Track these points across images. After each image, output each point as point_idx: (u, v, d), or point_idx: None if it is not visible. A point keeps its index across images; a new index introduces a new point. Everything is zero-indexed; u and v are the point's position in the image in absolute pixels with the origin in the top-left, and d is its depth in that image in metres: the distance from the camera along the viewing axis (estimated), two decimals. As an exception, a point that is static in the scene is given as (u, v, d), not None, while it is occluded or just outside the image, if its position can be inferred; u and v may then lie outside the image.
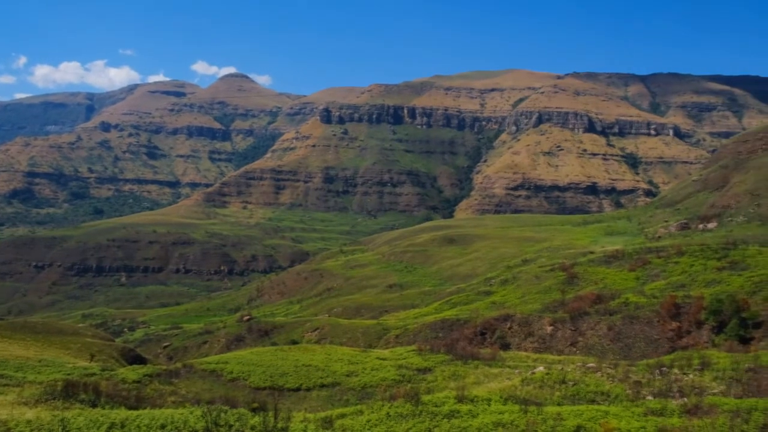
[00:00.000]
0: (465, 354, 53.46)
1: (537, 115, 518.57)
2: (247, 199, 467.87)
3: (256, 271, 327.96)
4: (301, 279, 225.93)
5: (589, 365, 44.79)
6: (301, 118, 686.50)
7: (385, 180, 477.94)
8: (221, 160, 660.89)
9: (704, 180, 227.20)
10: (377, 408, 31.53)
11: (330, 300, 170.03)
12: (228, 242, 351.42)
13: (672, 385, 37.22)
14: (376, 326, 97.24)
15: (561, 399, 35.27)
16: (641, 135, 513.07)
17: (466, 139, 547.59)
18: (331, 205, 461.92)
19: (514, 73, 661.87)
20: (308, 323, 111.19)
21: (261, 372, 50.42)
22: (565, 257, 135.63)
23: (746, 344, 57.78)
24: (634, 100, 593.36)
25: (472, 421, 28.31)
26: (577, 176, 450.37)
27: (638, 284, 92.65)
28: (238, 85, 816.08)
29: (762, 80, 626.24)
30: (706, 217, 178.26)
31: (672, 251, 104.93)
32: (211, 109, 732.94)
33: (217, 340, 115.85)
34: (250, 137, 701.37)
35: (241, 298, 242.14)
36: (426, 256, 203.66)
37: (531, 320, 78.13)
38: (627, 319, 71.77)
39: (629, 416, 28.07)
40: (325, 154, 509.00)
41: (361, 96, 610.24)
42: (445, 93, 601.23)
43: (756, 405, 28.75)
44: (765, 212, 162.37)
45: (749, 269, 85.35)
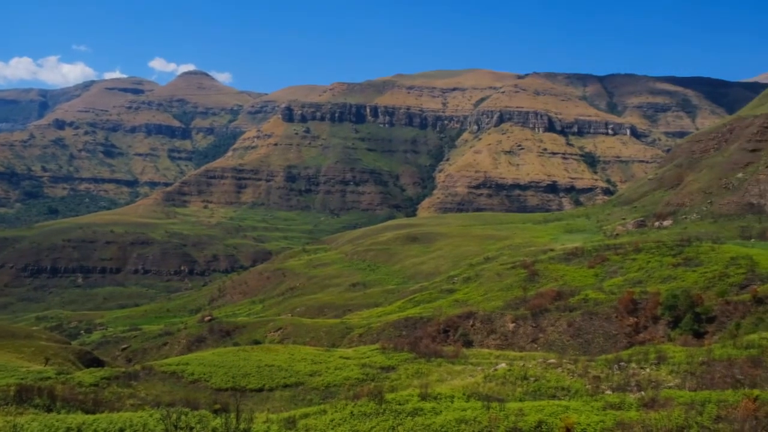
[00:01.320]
0: (428, 352, 53.72)
1: (498, 115, 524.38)
2: (208, 198, 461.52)
3: (217, 271, 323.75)
4: (263, 278, 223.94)
5: (550, 361, 45.50)
6: (262, 117, 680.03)
7: (348, 179, 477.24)
8: (181, 158, 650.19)
9: (660, 179, 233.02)
10: (341, 407, 31.44)
11: (293, 299, 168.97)
12: (188, 242, 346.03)
13: (630, 379, 38.05)
14: (339, 325, 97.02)
15: (523, 395, 35.71)
16: (599, 134, 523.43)
17: (429, 138, 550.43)
18: (294, 204, 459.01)
19: (475, 73, 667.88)
20: (271, 323, 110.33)
21: (223, 373, 49.80)
22: (526, 255, 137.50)
23: (700, 338, 59.49)
24: (592, 100, 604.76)
25: (435, 418, 28.44)
26: (537, 175, 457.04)
27: (597, 281, 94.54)
28: (197, 83, 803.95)
29: (713, 82, 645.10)
30: (662, 214, 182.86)
31: (629, 248, 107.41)
32: (171, 106, 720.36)
33: (178, 341, 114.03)
34: (211, 136, 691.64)
35: (202, 299, 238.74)
36: (389, 254, 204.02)
37: (493, 317, 78.96)
38: (586, 315, 73.12)
39: (589, 411, 28.56)
40: (287, 153, 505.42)
41: (324, 94, 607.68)
42: (408, 92, 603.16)
43: (709, 397, 29.56)
44: (717, 210, 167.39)
45: (703, 265, 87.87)
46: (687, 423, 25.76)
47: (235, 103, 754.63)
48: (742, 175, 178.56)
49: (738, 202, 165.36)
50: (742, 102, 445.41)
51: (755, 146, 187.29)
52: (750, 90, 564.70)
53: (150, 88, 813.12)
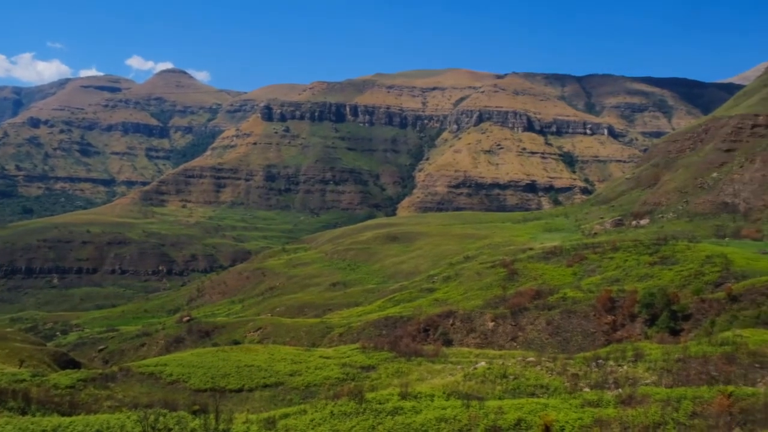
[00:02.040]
0: (408, 351, 53.79)
1: (478, 114, 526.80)
2: (186, 197, 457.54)
3: (196, 270, 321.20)
4: (242, 278, 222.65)
5: (529, 359, 45.82)
6: (241, 116, 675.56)
7: (328, 178, 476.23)
8: (159, 157, 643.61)
9: (637, 178, 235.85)
10: (321, 407, 31.38)
11: (272, 299, 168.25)
12: (167, 242, 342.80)
13: (607, 376, 38.46)
14: (319, 325, 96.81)
15: (502, 393, 35.92)
16: (577, 134, 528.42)
17: (409, 138, 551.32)
18: (273, 204, 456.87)
19: (455, 73, 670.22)
20: (250, 323, 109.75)
21: (202, 373, 49.40)
22: (506, 254, 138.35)
23: (676, 336, 60.32)
24: (570, 100, 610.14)
25: (415, 417, 28.50)
26: (516, 174, 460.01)
27: (575, 279, 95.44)
28: (175, 81, 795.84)
29: (689, 82, 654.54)
30: (639, 213, 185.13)
31: (607, 247, 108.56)
32: (148, 105, 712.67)
33: (156, 342, 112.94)
34: (189, 134, 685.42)
35: (180, 299, 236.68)
36: (369, 254, 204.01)
37: (473, 316, 79.32)
38: (565, 313, 73.77)
39: (567, 408, 28.81)
40: (267, 152, 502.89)
41: (303, 93, 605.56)
42: (388, 91, 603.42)
43: (685, 394, 29.99)
44: (693, 209, 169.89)
45: (679, 264, 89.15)
46: (663, 419, 26.11)
47: (214, 102, 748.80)
48: (717, 174, 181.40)
49: (713, 201, 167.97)
50: (717, 103, 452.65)
51: (730, 146, 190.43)
52: (725, 91, 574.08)
53: (127, 86, 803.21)
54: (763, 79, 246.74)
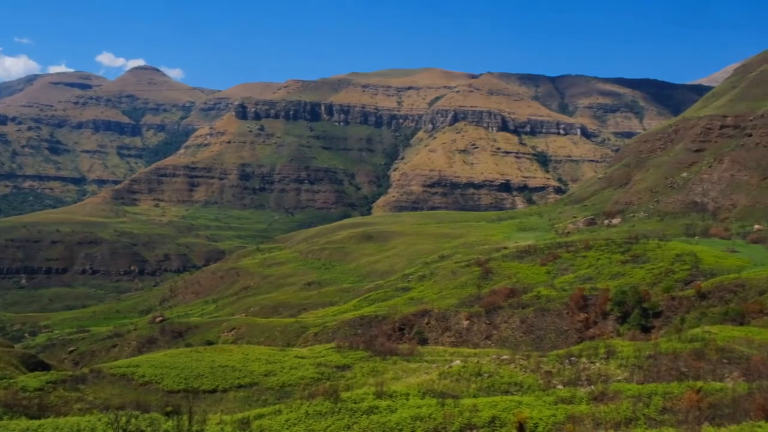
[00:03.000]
0: (384, 350, 53.83)
1: (453, 114, 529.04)
2: (159, 196, 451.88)
3: (169, 270, 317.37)
4: (216, 278, 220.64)
5: (504, 357, 46.16)
6: (215, 114, 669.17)
7: (303, 177, 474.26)
8: (131, 155, 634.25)
9: (609, 178, 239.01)
10: (296, 407, 31.25)
11: (247, 299, 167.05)
12: (139, 241, 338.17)
13: (580, 373, 38.91)
14: (294, 324, 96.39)
15: (477, 391, 36.13)
16: (551, 134, 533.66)
17: (384, 137, 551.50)
18: (248, 203, 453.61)
19: (430, 72, 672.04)
20: (224, 323, 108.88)
21: (175, 374, 48.85)
22: (481, 253, 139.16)
23: (647, 333, 61.29)
24: (544, 100, 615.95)
25: (390, 416, 28.52)
26: (491, 174, 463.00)
27: (549, 278, 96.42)
28: (148, 78, 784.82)
29: (660, 84, 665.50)
30: (611, 213, 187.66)
31: (580, 246, 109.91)
32: (120, 102, 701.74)
33: (128, 343, 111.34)
34: (162, 132, 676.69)
35: (153, 299, 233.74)
36: (344, 253, 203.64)
37: (448, 315, 79.65)
38: (539, 311, 74.47)
39: (541, 405, 29.07)
40: (241, 151, 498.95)
41: (278, 92, 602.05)
42: (363, 90, 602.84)
43: (656, 390, 30.49)
44: (663, 208, 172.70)
45: (650, 262, 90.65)
46: (634, 415, 26.50)
47: (188, 100, 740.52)
48: (687, 174, 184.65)
49: (683, 200, 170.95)
50: (686, 104, 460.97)
51: (699, 147, 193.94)
52: (694, 92, 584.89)
53: (98, 83, 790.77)
54: (731, 81, 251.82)
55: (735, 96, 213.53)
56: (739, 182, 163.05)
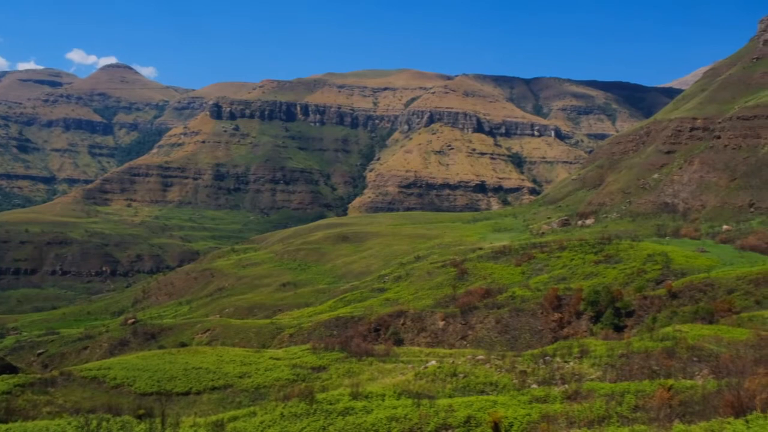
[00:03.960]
0: (359, 351, 53.72)
1: (428, 115, 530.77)
2: (131, 196, 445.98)
3: (141, 271, 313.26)
4: (190, 279, 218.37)
5: (479, 357, 46.38)
6: (189, 113, 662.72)
7: (278, 178, 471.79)
8: (102, 155, 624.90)
9: (582, 179, 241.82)
10: (271, 409, 31.01)
11: (221, 300, 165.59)
12: (110, 242, 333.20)
13: (554, 373, 39.22)
14: (269, 326, 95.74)
15: (452, 391, 36.22)
16: (526, 136, 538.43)
17: (360, 138, 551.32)
18: (222, 203, 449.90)
19: (405, 73, 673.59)
20: (198, 324, 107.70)
21: (147, 377, 48.19)
22: (456, 253, 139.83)
23: (620, 332, 62.06)
24: (518, 102, 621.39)
25: (366, 417, 28.44)
26: (466, 175, 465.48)
27: (524, 278, 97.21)
28: (120, 76, 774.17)
29: (632, 86, 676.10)
30: (585, 213, 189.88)
31: (554, 246, 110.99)
32: (91, 100, 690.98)
33: (99, 345, 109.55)
34: (135, 131, 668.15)
35: (125, 300, 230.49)
36: (320, 254, 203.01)
37: (424, 316, 79.76)
38: (513, 312, 74.95)
39: (516, 405, 29.22)
40: (216, 151, 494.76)
41: (253, 92, 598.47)
42: (339, 91, 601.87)
43: (628, 388, 30.84)
44: (635, 209, 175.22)
45: (622, 262, 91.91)
46: (607, 413, 26.76)
47: (161, 99, 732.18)
48: (658, 175, 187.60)
49: (654, 201, 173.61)
50: (658, 106, 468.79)
51: (670, 148, 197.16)
52: (665, 95, 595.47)
53: (69, 80, 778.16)
54: (701, 84, 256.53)
55: (704, 99, 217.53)
56: (709, 183, 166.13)
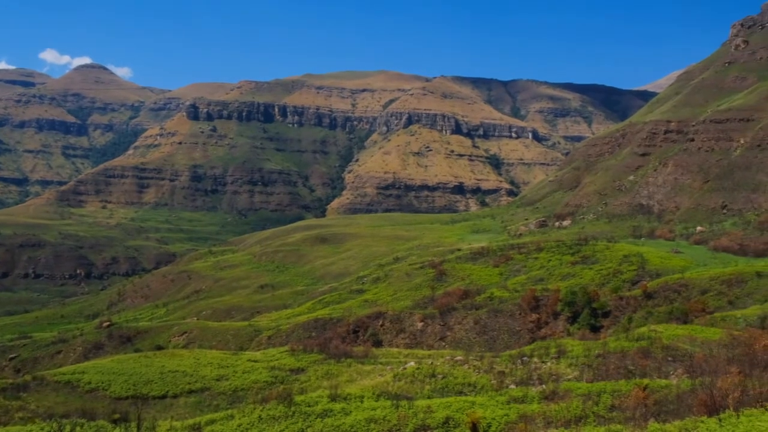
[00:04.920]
0: (338, 353, 53.61)
1: (407, 116, 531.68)
2: (106, 198, 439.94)
3: (117, 274, 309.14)
4: (167, 281, 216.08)
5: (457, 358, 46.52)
6: (166, 114, 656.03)
7: (256, 179, 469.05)
8: (77, 156, 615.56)
9: (559, 181, 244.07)
10: (249, 411, 30.79)
11: (198, 302, 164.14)
12: (85, 244, 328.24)
13: (532, 373, 39.51)
14: (247, 328, 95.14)
15: (431, 392, 36.30)
16: (503, 137, 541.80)
17: (338, 139, 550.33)
18: (199, 205, 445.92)
19: (384, 75, 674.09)
20: (175, 327, 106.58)
21: (123, 381, 47.57)
22: (435, 255, 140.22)
23: (597, 332, 62.73)
24: (496, 104, 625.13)
25: (345, 419, 28.37)
26: (445, 176, 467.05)
27: (502, 279, 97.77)
28: (95, 77, 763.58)
29: (607, 89, 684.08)
30: (562, 215, 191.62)
31: (532, 247, 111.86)
32: (65, 101, 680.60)
33: (73, 349, 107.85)
34: (110, 132, 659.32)
35: (100, 304, 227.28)
36: (298, 255, 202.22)
37: (402, 317, 79.82)
38: (492, 312, 75.35)
39: (494, 405, 29.37)
40: (193, 152, 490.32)
41: (231, 92, 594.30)
42: (317, 92, 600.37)
43: (605, 388, 31.18)
44: (611, 210, 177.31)
45: (599, 263, 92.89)
46: (584, 413, 27.01)
47: (137, 99, 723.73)
48: (633, 177, 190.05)
49: (630, 203, 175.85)
50: (633, 109, 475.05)
51: (645, 151, 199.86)
52: (640, 98, 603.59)
53: (42, 80, 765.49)
54: (675, 87, 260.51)
55: (678, 102, 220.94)
56: (683, 185, 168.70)
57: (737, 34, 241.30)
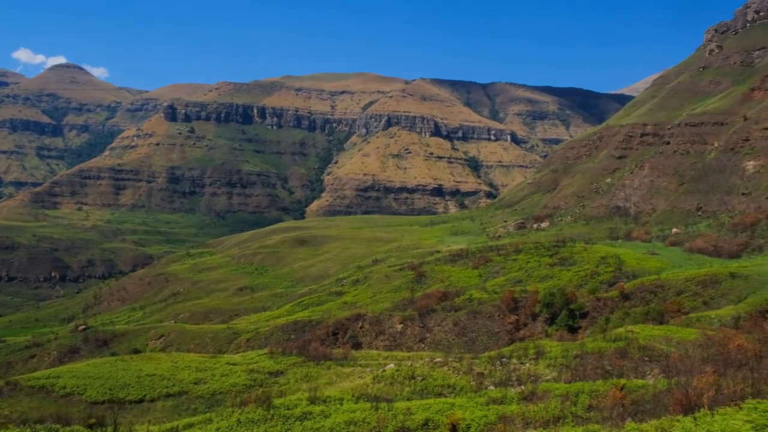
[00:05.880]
0: (317, 355, 53.42)
1: (386, 119, 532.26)
2: (82, 199, 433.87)
3: (93, 277, 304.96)
4: (144, 284, 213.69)
5: (437, 360, 46.61)
6: (143, 115, 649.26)
7: (234, 181, 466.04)
8: (51, 157, 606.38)
9: (538, 183, 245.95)
10: (227, 415, 30.54)
11: (176, 305, 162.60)
12: (60, 246, 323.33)
13: (511, 374, 39.73)
14: (226, 331, 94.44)
15: (410, 394, 36.32)
16: (482, 140, 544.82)
17: (317, 141, 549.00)
18: (177, 207, 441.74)
19: (363, 77, 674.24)
20: (152, 330, 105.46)
21: (99, 385, 46.90)
22: (414, 257, 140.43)
23: (575, 333, 63.28)
24: (475, 106, 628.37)
25: (324, 421, 28.27)
26: (424, 178, 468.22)
27: (481, 281, 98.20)
28: (70, 77, 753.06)
29: (585, 92, 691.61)
30: (540, 217, 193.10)
31: (510, 249, 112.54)
32: (39, 101, 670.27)
33: (48, 353, 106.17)
34: (86, 133, 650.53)
35: (75, 307, 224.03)
36: (277, 257, 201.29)
37: (382, 319, 79.82)
38: (471, 314, 75.65)
39: (473, 406, 29.46)
40: (171, 153, 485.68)
41: (209, 94, 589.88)
42: (296, 94, 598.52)
43: (583, 388, 31.44)
44: (589, 212, 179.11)
45: (576, 265, 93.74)
46: (562, 413, 27.21)
47: (113, 100, 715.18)
48: (611, 180, 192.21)
49: (607, 205, 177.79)
50: (610, 112, 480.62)
51: (621, 153, 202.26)
52: (617, 101, 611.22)
53: (15, 80, 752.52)
54: (650, 91, 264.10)
55: (654, 105, 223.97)
56: (659, 188, 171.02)
57: (711, 39, 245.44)
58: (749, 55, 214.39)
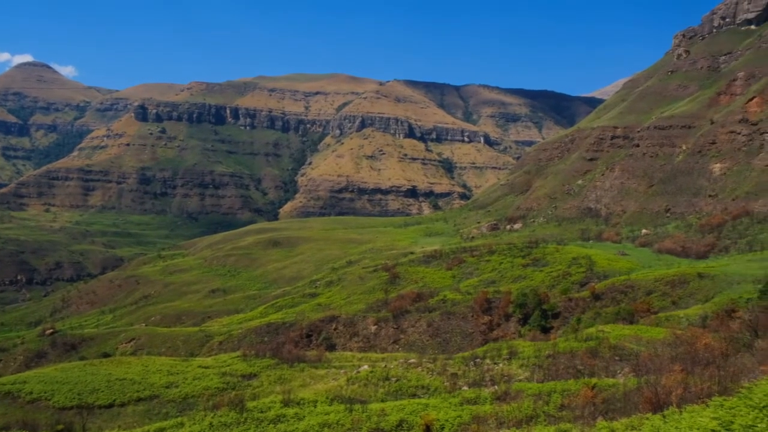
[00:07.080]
0: (291, 357, 53.12)
1: (360, 120, 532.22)
2: (49, 200, 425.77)
3: (61, 279, 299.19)
4: (114, 287, 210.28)
5: (411, 361, 46.68)
6: (113, 115, 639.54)
7: (207, 182, 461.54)
8: (18, 157, 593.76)
9: (511, 184, 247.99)
10: (199, 419, 30.21)
11: (147, 308, 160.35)
12: (27, 248, 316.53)
13: (485, 374, 39.95)
14: (198, 333, 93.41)
15: (385, 395, 36.31)
16: (456, 141, 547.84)
17: (291, 142, 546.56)
18: (148, 208, 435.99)
19: (337, 78, 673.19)
20: (122, 334, 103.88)
21: (67, 390, 46.02)
22: (388, 258, 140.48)
23: (547, 333, 63.91)
24: (449, 108, 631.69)
25: (298, 424, 28.12)
26: (398, 180, 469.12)
27: (455, 282, 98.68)
28: (37, 75, 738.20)
29: (557, 95, 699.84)
30: (513, 218, 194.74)
31: (484, 250, 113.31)
32: (5, 100, 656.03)
33: (14, 358, 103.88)
34: (53, 133, 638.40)
35: (43, 310, 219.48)
36: (250, 259, 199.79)
37: (356, 320, 79.73)
38: (444, 315, 75.96)
39: (447, 407, 29.57)
40: (141, 154, 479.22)
41: (181, 93, 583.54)
42: (270, 94, 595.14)
43: (555, 388, 31.75)
44: (561, 214, 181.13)
45: (549, 265, 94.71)
46: (535, 413, 27.43)
47: (82, 99, 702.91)
48: (582, 181, 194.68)
49: (578, 206, 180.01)
50: (581, 115, 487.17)
51: (593, 155, 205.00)
52: (588, 104, 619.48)
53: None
54: (621, 94, 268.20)
55: (624, 109, 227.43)
56: (629, 189, 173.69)
57: (679, 44, 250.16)
58: (716, 60, 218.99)
